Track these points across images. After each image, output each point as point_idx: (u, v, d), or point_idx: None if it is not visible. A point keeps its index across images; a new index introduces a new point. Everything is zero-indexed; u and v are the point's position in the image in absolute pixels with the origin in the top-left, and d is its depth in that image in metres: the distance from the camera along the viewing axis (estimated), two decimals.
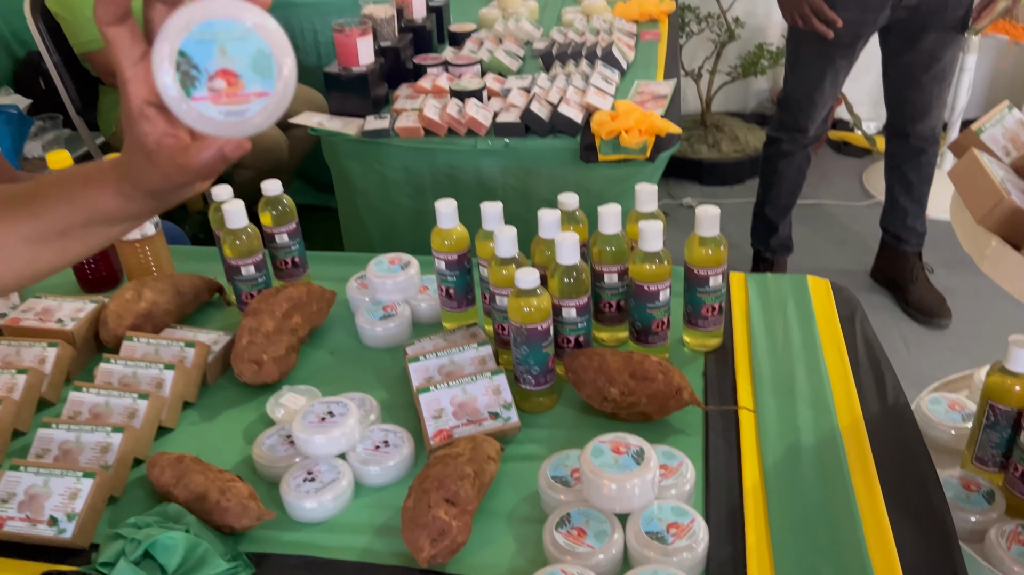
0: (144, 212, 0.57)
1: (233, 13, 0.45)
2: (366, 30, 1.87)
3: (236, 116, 0.47)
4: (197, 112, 0.46)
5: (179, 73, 0.46)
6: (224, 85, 0.46)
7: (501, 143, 1.73)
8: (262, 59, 0.46)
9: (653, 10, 2.37)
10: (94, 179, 0.56)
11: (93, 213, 0.56)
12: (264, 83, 0.47)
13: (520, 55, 2.14)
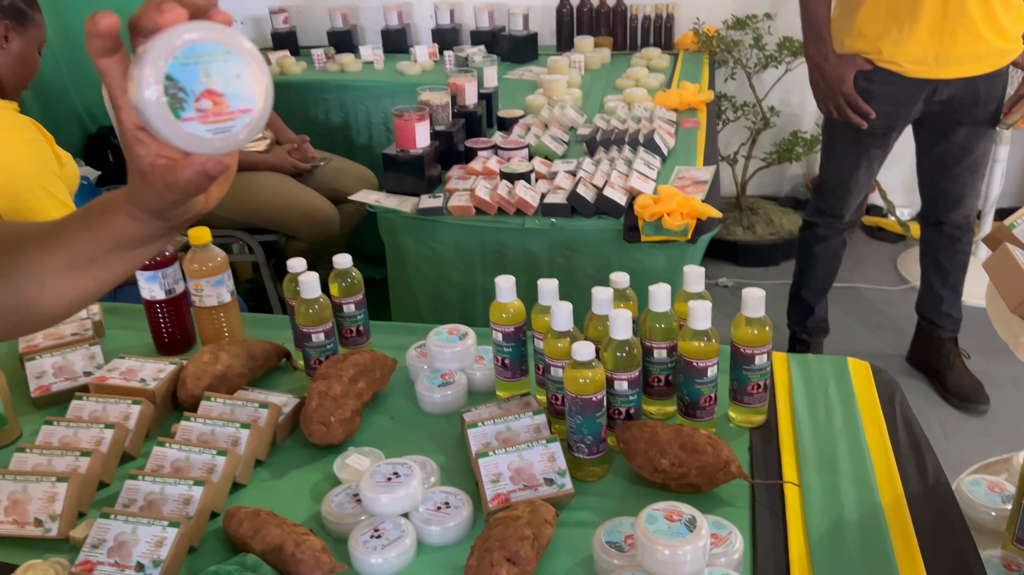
0: (155, 234, 0.61)
1: (212, 36, 0.48)
2: (423, 115, 1.99)
3: (223, 133, 0.50)
4: (187, 132, 0.49)
5: (167, 97, 0.48)
6: (210, 105, 0.49)
7: (548, 222, 1.82)
8: (243, 78, 0.50)
9: (692, 99, 2.49)
10: (109, 207, 0.60)
11: (112, 238, 0.61)
12: (246, 100, 0.50)
13: (565, 140, 2.25)
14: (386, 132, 3.16)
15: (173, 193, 0.53)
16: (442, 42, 3.35)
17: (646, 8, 3.24)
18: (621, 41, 3.27)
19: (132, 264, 0.64)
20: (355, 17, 3.55)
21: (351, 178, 2.79)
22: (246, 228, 2.62)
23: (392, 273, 2.01)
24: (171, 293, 1.30)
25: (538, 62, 3.20)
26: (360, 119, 3.15)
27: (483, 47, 3.18)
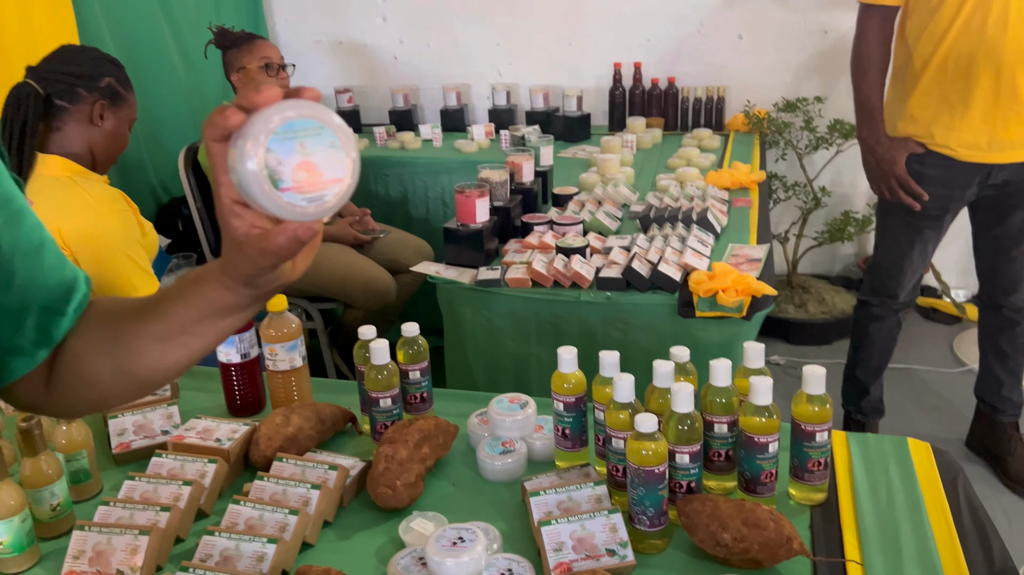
0: (244, 302, 0.65)
1: (307, 113, 0.52)
2: (483, 192, 2.07)
3: (317, 201, 0.54)
4: (285, 201, 0.53)
5: (267, 168, 0.52)
6: (305, 176, 0.53)
7: (603, 296, 1.86)
8: (335, 151, 0.54)
9: (744, 179, 2.54)
10: (203, 278, 0.65)
11: (204, 307, 0.65)
12: (337, 171, 0.54)
13: (619, 216, 2.30)
14: (442, 206, 3.26)
15: (266, 259, 0.57)
16: (498, 121, 3.47)
17: (697, 91, 3.33)
18: (672, 122, 3.35)
19: (222, 334, 0.68)
20: (415, 97, 3.71)
21: (408, 250, 2.88)
22: (307, 296, 2.71)
23: (449, 341, 2.06)
24: (246, 357, 1.36)
25: (591, 141, 3.29)
26: (418, 194, 3.26)
27: (538, 127, 3.29)
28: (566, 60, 3.53)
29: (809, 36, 3.26)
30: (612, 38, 3.44)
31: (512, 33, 3.56)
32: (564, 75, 3.55)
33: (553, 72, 3.57)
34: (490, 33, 3.58)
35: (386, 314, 2.77)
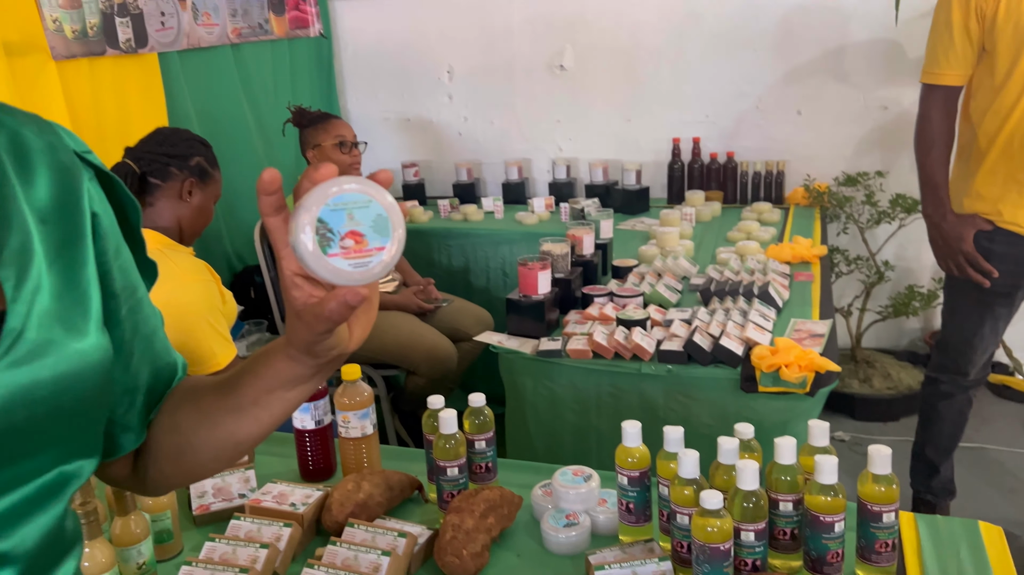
0: (308, 372, 0.69)
1: (359, 189, 0.58)
2: (545, 265, 2.12)
3: (362, 267, 0.58)
4: (332, 266, 0.57)
5: (318, 236, 0.56)
6: (352, 243, 0.58)
7: (664, 369, 1.88)
8: (380, 222, 0.58)
9: (805, 253, 2.54)
10: (271, 351, 0.70)
11: (272, 379, 0.70)
12: (382, 240, 0.59)
13: (679, 289, 2.33)
14: (503, 276, 3.33)
15: (321, 324, 0.61)
16: (558, 194, 3.56)
17: (756, 165, 3.37)
18: (732, 195, 3.39)
19: (289, 406, 0.72)
20: (478, 171, 3.83)
21: (470, 318, 2.95)
22: (371, 362, 2.78)
23: (510, 410, 2.09)
24: (320, 423, 1.41)
25: (650, 214, 3.34)
26: (480, 264, 3.35)
27: (597, 200, 3.37)
28: (625, 135, 3.62)
29: (869, 111, 3.28)
30: (671, 114, 3.52)
31: (572, 110, 3.67)
32: (623, 149, 3.63)
33: (612, 146, 3.66)
34: (551, 110, 3.70)
35: (447, 381, 2.82)
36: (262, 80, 3.34)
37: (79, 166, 0.68)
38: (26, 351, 0.58)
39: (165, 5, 2.77)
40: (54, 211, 0.65)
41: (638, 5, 3.44)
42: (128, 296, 0.73)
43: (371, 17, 3.81)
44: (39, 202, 0.64)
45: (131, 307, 0.74)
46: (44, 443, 0.60)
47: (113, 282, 0.70)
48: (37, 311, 0.60)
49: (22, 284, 0.60)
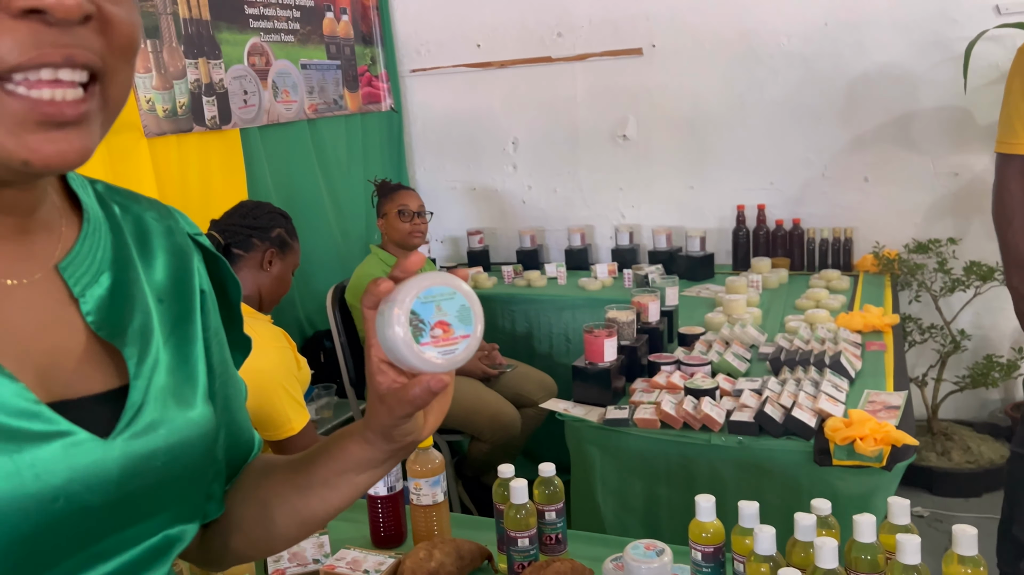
0: (381, 457, 0.71)
1: (444, 282, 0.63)
2: (611, 332, 2.13)
3: (449, 354, 0.63)
4: (423, 355, 0.62)
5: (411, 327, 0.62)
6: (441, 333, 0.63)
7: (735, 440, 1.85)
8: (464, 312, 0.64)
9: (877, 322, 2.50)
10: (347, 433, 0.72)
11: (344, 461, 0.72)
12: (466, 328, 0.64)
13: (747, 358, 2.30)
14: (566, 342, 3.34)
15: (402, 408, 0.65)
16: (621, 261, 3.58)
17: (823, 232, 3.34)
18: (798, 262, 3.36)
19: (357, 490, 0.74)
20: (541, 238, 3.89)
21: (533, 384, 2.96)
22: None
23: (576, 479, 2.08)
24: (392, 490, 1.44)
25: (715, 280, 3.33)
26: (543, 330, 3.37)
27: (661, 266, 3.38)
28: (688, 202, 3.64)
29: (939, 178, 3.24)
30: (734, 181, 3.53)
31: (635, 178, 3.72)
32: (686, 216, 3.65)
33: (675, 213, 3.68)
34: (613, 178, 3.75)
35: (510, 448, 2.82)
36: (336, 153, 3.48)
37: (191, 247, 0.74)
38: (144, 424, 0.63)
39: (248, 84, 2.93)
40: (170, 291, 0.70)
41: (700, 76, 3.50)
42: (222, 371, 0.77)
43: (439, 92, 3.96)
44: (158, 283, 0.69)
45: (223, 381, 0.78)
46: (154, 509, 0.64)
47: (212, 356, 0.75)
48: (155, 386, 0.65)
49: (143, 361, 0.65)
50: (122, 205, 0.71)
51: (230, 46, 2.85)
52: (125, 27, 0.56)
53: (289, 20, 3.16)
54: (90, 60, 0.54)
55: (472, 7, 3.79)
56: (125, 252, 0.68)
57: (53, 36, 0.52)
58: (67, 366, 0.61)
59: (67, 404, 0.59)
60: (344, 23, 3.51)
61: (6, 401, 0.55)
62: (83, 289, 0.63)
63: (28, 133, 0.52)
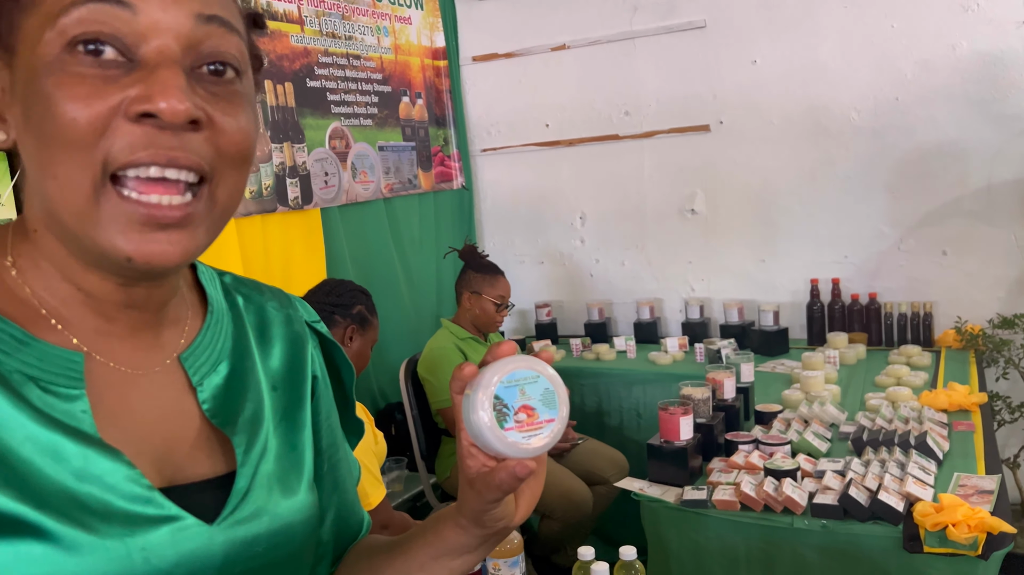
0: (474, 543, 0.71)
1: (528, 366, 0.64)
2: (687, 410, 2.11)
3: (534, 439, 0.63)
4: (508, 440, 0.62)
5: (495, 411, 0.62)
6: (525, 417, 0.63)
7: (818, 524, 1.80)
8: (548, 395, 0.64)
9: (963, 400, 2.41)
10: (443, 518, 0.73)
11: (440, 546, 0.72)
12: (551, 412, 0.64)
13: (828, 437, 2.24)
14: (636, 417, 3.30)
15: (491, 493, 0.65)
16: (692, 334, 3.55)
17: (901, 306, 3.26)
18: (876, 337, 3.28)
19: (453, 574, 0.74)
20: (610, 311, 3.90)
21: (604, 460, 2.92)
22: None
23: (652, 561, 2.04)
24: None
25: (790, 355, 3.27)
26: (613, 404, 3.34)
27: (733, 340, 3.33)
28: (759, 276, 3.61)
29: (1021, 252, 3.15)
30: (807, 255, 3.50)
31: (704, 251, 3.71)
32: (758, 290, 3.62)
33: (746, 287, 3.65)
34: (682, 252, 3.76)
35: (581, 527, 2.78)
36: (409, 230, 3.59)
37: (307, 334, 0.78)
38: (249, 512, 0.65)
39: (328, 166, 3.07)
40: (284, 378, 0.74)
41: (768, 151, 3.51)
42: (331, 454, 0.80)
43: (508, 169, 4.06)
44: (273, 370, 0.73)
45: (332, 464, 0.80)
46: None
47: (321, 440, 0.78)
48: (261, 473, 0.68)
49: (251, 449, 0.68)
50: (246, 296, 0.76)
51: (313, 131, 3.00)
52: (235, 135, 0.60)
53: (368, 105, 3.31)
54: (194, 163, 0.58)
55: (542, 89, 3.91)
56: (244, 342, 0.72)
57: (163, 139, 0.56)
58: (181, 451, 0.65)
59: (178, 489, 0.63)
60: (419, 106, 3.66)
61: (122, 486, 0.58)
62: (201, 378, 0.68)
63: (134, 232, 0.57)
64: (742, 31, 3.49)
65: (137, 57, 0.56)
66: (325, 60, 3.07)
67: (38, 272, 0.62)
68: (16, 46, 0.58)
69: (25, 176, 0.61)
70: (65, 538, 0.55)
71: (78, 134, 0.55)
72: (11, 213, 2.10)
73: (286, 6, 2.90)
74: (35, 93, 0.56)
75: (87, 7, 0.55)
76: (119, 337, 0.64)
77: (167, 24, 0.57)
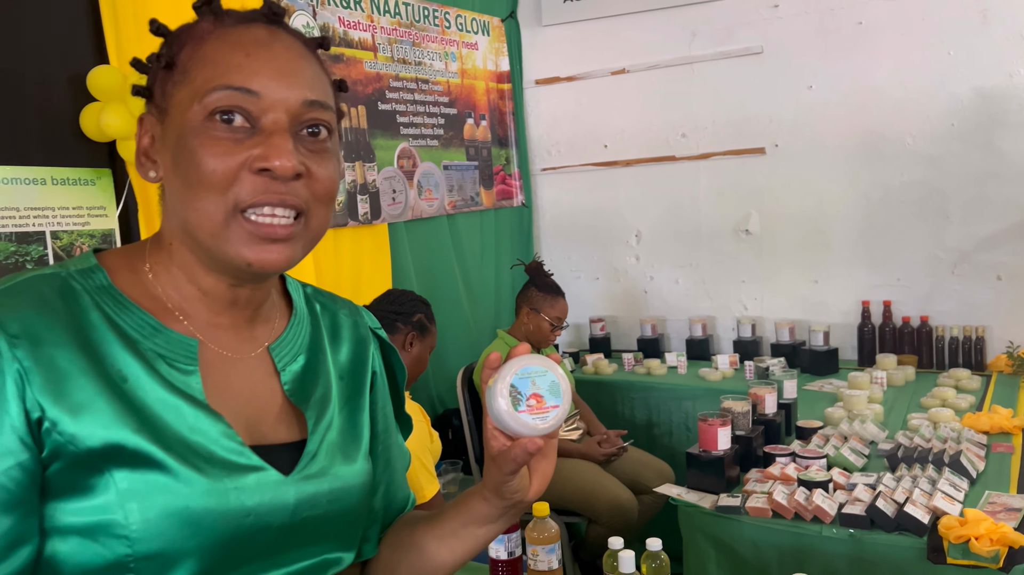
0: (496, 513, 0.87)
1: (538, 362, 0.79)
2: (725, 421, 2.22)
3: (541, 420, 0.78)
4: (521, 420, 0.77)
5: (511, 398, 0.77)
6: (535, 403, 0.78)
7: (846, 533, 1.88)
8: (554, 386, 0.79)
9: (1005, 423, 2.45)
10: (471, 493, 0.89)
11: (468, 515, 0.89)
12: (556, 399, 0.78)
13: (865, 454, 2.32)
14: (685, 431, 3.40)
15: (507, 465, 0.81)
16: (743, 352, 3.63)
17: (953, 330, 3.28)
18: (927, 360, 3.30)
19: (479, 542, 0.92)
20: (663, 327, 4.00)
21: (651, 471, 3.03)
22: (554, 508, 2.92)
23: (688, 566, 2.14)
24: (511, 555, 1.58)
25: (838, 375, 3.32)
26: (662, 417, 3.45)
27: (783, 359, 3.41)
28: (812, 296, 3.67)
29: None
30: (859, 277, 3.54)
31: (757, 271, 3.79)
32: (810, 310, 3.67)
33: (798, 307, 3.71)
34: (735, 271, 3.84)
35: (627, 533, 2.88)
36: (471, 245, 3.77)
37: (370, 338, 0.96)
38: (315, 470, 0.83)
39: (396, 184, 3.27)
40: (349, 371, 0.92)
41: (823, 174, 3.58)
42: (384, 438, 0.98)
43: (567, 188, 4.21)
44: (341, 364, 0.91)
45: (385, 446, 0.98)
46: (318, 537, 0.84)
47: (376, 424, 0.95)
48: (327, 442, 0.86)
49: (320, 422, 0.86)
50: (323, 304, 0.95)
51: (383, 151, 3.21)
52: (326, 182, 0.79)
53: (434, 127, 3.51)
54: (297, 204, 0.76)
55: (601, 112, 4.05)
56: (319, 340, 0.91)
57: (275, 187, 0.75)
58: (266, 420, 0.83)
59: (263, 448, 0.81)
60: (483, 128, 3.85)
61: (222, 441, 0.77)
62: (284, 365, 0.86)
63: (255, 244, 0.76)
64: (799, 57, 3.57)
65: (258, 125, 0.76)
66: (396, 84, 3.28)
67: (168, 276, 0.81)
68: (168, 109, 0.78)
69: (165, 204, 0.81)
70: (181, 473, 0.73)
71: (216, 181, 0.74)
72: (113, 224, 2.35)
73: (361, 34, 3.12)
74: (184, 148, 0.75)
75: (226, 92, 0.75)
76: (224, 329, 0.83)
77: (281, 104, 0.76)
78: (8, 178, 2.11)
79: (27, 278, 0.75)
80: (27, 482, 0.69)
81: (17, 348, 0.70)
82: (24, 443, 0.69)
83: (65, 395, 0.70)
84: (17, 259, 2.12)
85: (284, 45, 0.79)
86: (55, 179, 2.20)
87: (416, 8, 3.40)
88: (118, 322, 0.76)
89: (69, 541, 0.71)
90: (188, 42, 0.78)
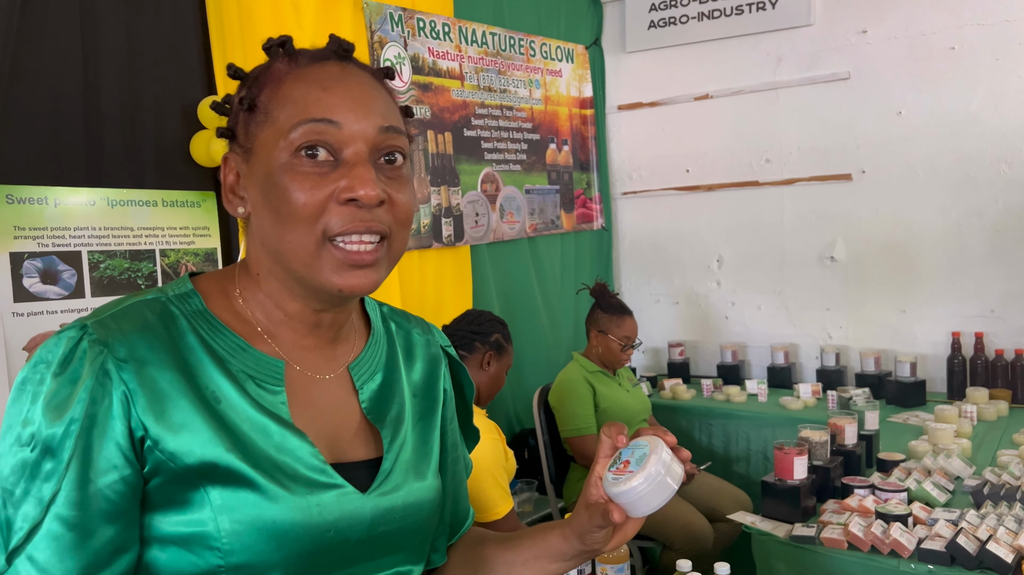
0: (571, 552, 0.91)
1: (647, 440, 0.86)
2: (802, 451, 2.20)
3: (620, 482, 0.84)
4: (606, 478, 0.85)
5: (613, 460, 0.87)
6: (623, 467, 0.85)
7: (924, 569, 1.84)
8: (642, 458, 0.84)
9: None
10: (551, 526, 0.93)
11: (543, 548, 0.93)
12: (635, 467, 0.84)
13: (950, 490, 2.25)
14: (764, 460, 3.35)
15: (595, 519, 0.87)
16: (826, 382, 3.55)
17: None
18: (1022, 395, 3.17)
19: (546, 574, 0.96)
20: (743, 354, 3.96)
21: (727, 498, 3.00)
22: None
23: None
24: (581, 573, 1.62)
25: (926, 408, 3.22)
26: (740, 445, 3.41)
27: (867, 389, 3.32)
28: (899, 326, 3.58)
29: None
30: (950, 307, 3.44)
31: (842, 299, 3.72)
32: (897, 340, 3.58)
33: (885, 337, 3.62)
34: (820, 299, 3.77)
35: (702, 561, 2.86)
36: (551, 267, 3.84)
37: (441, 356, 1.02)
38: (390, 487, 0.88)
39: (479, 207, 3.37)
40: (422, 389, 0.98)
41: (912, 201, 3.50)
42: (453, 452, 1.03)
43: (647, 212, 4.23)
44: (415, 382, 0.97)
45: (453, 459, 1.04)
46: (392, 549, 0.89)
47: (447, 440, 1.01)
48: (401, 460, 0.91)
49: (395, 440, 0.91)
50: (398, 323, 1.01)
51: (467, 175, 3.32)
52: (405, 207, 0.84)
53: (517, 152, 3.60)
54: (381, 229, 0.81)
55: (684, 137, 4.07)
56: (394, 359, 0.97)
57: (361, 215, 0.79)
58: (345, 438, 0.89)
59: (342, 465, 0.86)
60: (565, 152, 3.92)
61: (306, 459, 0.82)
62: (362, 384, 0.92)
63: (344, 271, 0.81)
64: (887, 82, 3.52)
65: (341, 157, 0.80)
66: (481, 111, 3.39)
67: (256, 301, 0.87)
68: (254, 149, 0.83)
69: (251, 235, 0.87)
70: (268, 490, 0.78)
71: (307, 214, 0.79)
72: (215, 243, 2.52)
73: (449, 63, 3.24)
74: (273, 185, 0.80)
75: (309, 125, 0.79)
76: (309, 350, 0.89)
77: (360, 135, 0.81)
78: (125, 200, 2.29)
79: (133, 303, 0.81)
80: (129, 495, 0.75)
81: (124, 371, 0.75)
82: (128, 459, 0.75)
83: (166, 415, 0.76)
84: (130, 275, 2.30)
85: (356, 79, 0.83)
86: (165, 201, 2.38)
87: (503, 37, 3.51)
88: (212, 344, 0.81)
89: (168, 550, 0.77)
90: (267, 84, 0.82)
